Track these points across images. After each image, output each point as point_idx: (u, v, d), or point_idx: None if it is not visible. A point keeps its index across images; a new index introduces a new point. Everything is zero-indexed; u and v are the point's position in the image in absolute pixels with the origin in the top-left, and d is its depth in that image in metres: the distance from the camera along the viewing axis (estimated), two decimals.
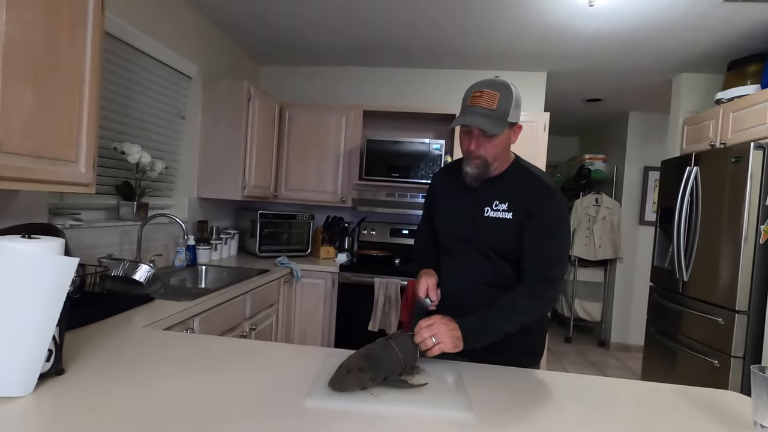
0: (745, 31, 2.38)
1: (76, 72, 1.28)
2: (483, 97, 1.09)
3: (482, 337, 1.07)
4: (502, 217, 1.16)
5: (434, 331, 1.01)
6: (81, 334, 1.15)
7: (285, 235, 3.06)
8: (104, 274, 1.61)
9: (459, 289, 1.24)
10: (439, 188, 1.34)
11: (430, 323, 1.02)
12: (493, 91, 1.09)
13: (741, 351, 2.17)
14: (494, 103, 1.08)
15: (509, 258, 1.17)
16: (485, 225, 1.18)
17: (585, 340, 4.44)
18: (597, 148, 4.77)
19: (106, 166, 1.98)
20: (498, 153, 1.15)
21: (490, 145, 1.12)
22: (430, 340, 1.00)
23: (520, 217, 1.14)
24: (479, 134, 1.12)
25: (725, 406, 0.96)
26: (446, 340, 1.01)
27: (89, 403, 0.79)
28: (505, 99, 1.09)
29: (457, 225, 1.24)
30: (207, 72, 2.68)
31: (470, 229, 1.20)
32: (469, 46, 2.85)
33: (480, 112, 1.09)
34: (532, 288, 1.13)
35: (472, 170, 1.16)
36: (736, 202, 2.22)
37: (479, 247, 1.19)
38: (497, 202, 1.17)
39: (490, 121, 1.09)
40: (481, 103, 1.09)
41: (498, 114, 1.09)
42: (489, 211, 1.18)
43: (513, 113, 1.11)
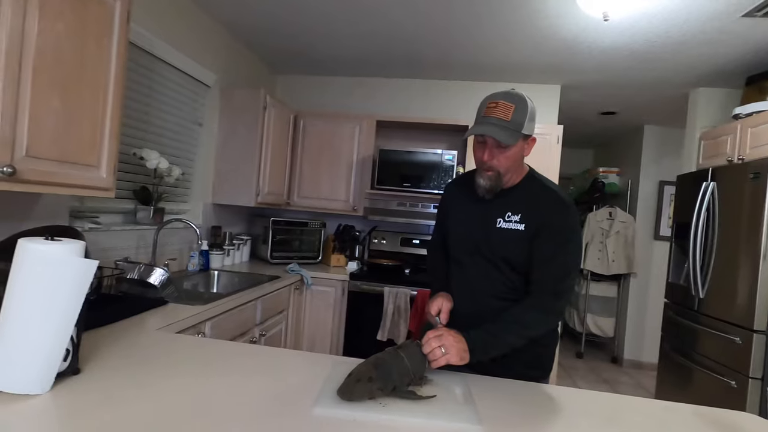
0: (763, 45, 2.35)
1: (101, 80, 1.33)
2: (498, 108, 1.10)
3: (489, 350, 1.07)
4: (514, 228, 1.16)
5: (442, 342, 1.01)
6: (97, 335, 1.18)
7: (296, 242, 3.09)
8: (120, 277, 1.65)
9: (468, 300, 1.23)
10: (451, 199, 1.34)
11: (438, 334, 1.03)
12: (509, 102, 1.10)
13: (759, 372, 2.11)
14: (509, 114, 1.09)
15: (519, 270, 1.17)
16: (497, 236, 1.18)
17: (597, 356, 4.35)
18: (611, 161, 4.73)
19: (126, 171, 2.03)
20: (511, 165, 1.15)
21: (504, 157, 1.13)
22: (438, 351, 1.00)
23: (533, 229, 1.14)
24: (493, 145, 1.12)
25: (740, 428, 0.94)
26: (453, 352, 1.01)
27: (104, 402, 0.81)
28: (520, 111, 1.10)
29: (468, 235, 1.24)
30: (225, 81, 2.74)
31: (482, 240, 1.20)
32: (482, 58, 2.87)
33: (494, 122, 1.10)
34: (540, 301, 1.12)
35: (484, 182, 1.16)
36: (755, 219, 2.17)
37: (490, 258, 1.19)
38: (510, 214, 1.17)
39: (504, 132, 1.09)
40: (495, 114, 1.10)
41: (512, 125, 1.09)
42: (501, 222, 1.18)
43: (527, 126, 1.11)
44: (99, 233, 1.82)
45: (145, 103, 2.13)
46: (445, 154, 2.97)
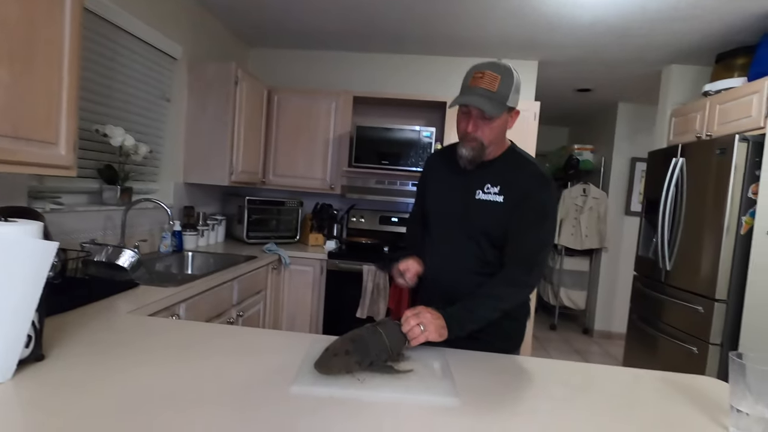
0: (733, 23, 2.39)
1: (55, 50, 1.23)
2: (484, 78, 1.08)
3: (466, 325, 1.08)
4: (492, 200, 1.16)
5: (421, 320, 1.01)
6: (62, 320, 1.13)
7: (273, 222, 3.04)
8: (87, 260, 1.58)
9: (443, 272, 1.24)
10: (432, 171, 1.33)
11: (416, 312, 1.03)
12: (495, 73, 1.08)
13: (719, 338, 2.23)
14: (495, 85, 1.07)
15: (495, 243, 1.18)
16: (476, 207, 1.18)
17: (570, 328, 4.53)
18: (586, 139, 4.80)
19: (88, 149, 1.92)
20: (494, 136, 1.14)
21: (488, 128, 1.12)
22: (417, 328, 1.00)
23: (511, 201, 1.15)
24: (477, 116, 1.11)
25: (703, 392, 0.99)
26: (431, 329, 1.02)
27: (70, 389, 0.78)
28: (506, 82, 1.09)
29: (447, 207, 1.24)
30: (193, 53, 2.61)
31: (461, 212, 1.20)
32: (462, 32, 2.82)
33: (480, 93, 1.08)
34: (514, 274, 1.13)
35: (467, 152, 1.15)
36: (720, 194, 2.26)
37: (468, 230, 1.20)
38: (489, 185, 1.17)
39: (489, 103, 1.08)
40: (481, 84, 1.08)
41: (498, 96, 1.08)
42: (480, 193, 1.18)
43: (512, 98, 1.11)
44: (62, 214, 1.74)
45: (106, 76, 2.00)
46: (423, 131, 2.94)
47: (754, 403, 0.76)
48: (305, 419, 0.74)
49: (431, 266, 1.27)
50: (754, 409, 0.76)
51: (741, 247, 2.20)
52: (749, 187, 2.18)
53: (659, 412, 0.88)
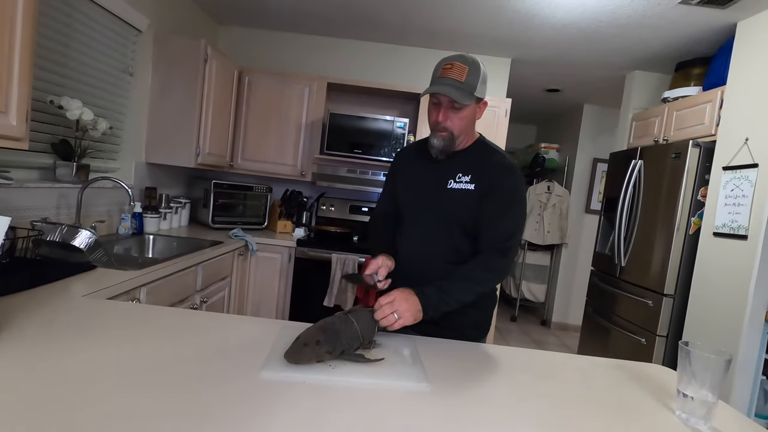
0: (693, 34, 2.53)
1: (6, 12, 1.14)
2: (453, 70, 1.13)
3: (440, 307, 1.09)
4: (464, 188, 1.20)
5: (395, 308, 1.02)
6: (11, 302, 1.06)
7: (240, 207, 2.96)
8: (38, 239, 1.48)
9: (414, 259, 1.25)
10: (402, 164, 1.35)
11: (390, 300, 1.03)
12: (463, 64, 1.13)
13: (665, 330, 2.39)
14: (463, 75, 1.12)
15: (467, 231, 1.21)
16: (448, 196, 1.21)
17: (529, 320, 4.71)
18: (552, 138, 4.96)
19: (42, 121, 1.79)
20: (464, 126, 1.19)
21: (457, 118, 1.16)
22: (392, 316, 1.01)
23: (482, 189, 1.18)
24: (447, 106, 1.15)
25: (653, 378, 1.06)
26: (407, 315, 1.03)
27: (20, 370, 0.73)
28: (474, 73, 1.13)
29: (420, 196, 1.26)
30: (159, 27, 2.48)
31: (434, 201, 1.23)
32: (438, 24, 2.83)
33: (449, 83, 1.12)
34: (488, 258, 1.16)
35: (438, 142, 1.19)
36: (673, 195, 2.40)
37: (440, 219, 1.22)
38: (460, 175, 1.21)
39: (458, 92, 1.12)
40: (450, 75, 1.13)
41: (466, 86, 1.13)
42: (452, 183, 1.21)
43: (480, 88, 1.15)
44: (10, 190, 1.62)
45: (63, 44, 1.87)
46: (396, 122, 2.94)
47: (699, 388, 0.83)
48: (276, 404, 0.73)
49: (403, 254, 1.28)
50: (698, 393, 0.82)
51: (689, 246, 2.35)
52: (699, 190, 2.33)
53: (614, 396, 0.93)
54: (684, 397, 0.84)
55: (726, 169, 2.19)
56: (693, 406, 0.83)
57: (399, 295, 1.04)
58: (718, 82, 2.39)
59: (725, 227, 2.15)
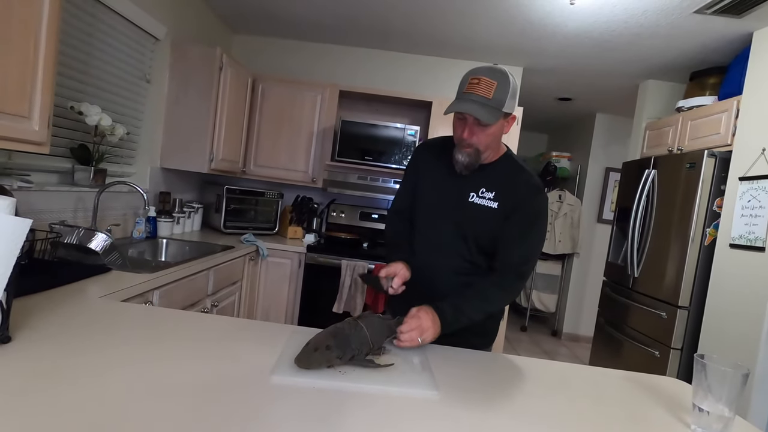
0: (708, 44, 2.50)
1: (32, 20, 1.18)
2: (480, 85, 1.07)
3: (455, 324, 1.10)
4: (487, 205, 1.17)
5: (423, 334, 1.04)
6: (29, 303, 1.08)
7: (252, 213, 2.99)
8: (56, 241, 1.52)
9: (426, 269, 1.24)
10: (423, 164, 1.29)
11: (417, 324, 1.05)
12: (491, 79, 1.08)
13: (680, 343, 2.34)
14: (491, 91, 1.07)
15: (483, 247, 1.19)
16: (469, 210, 1.18)
17: (539, 330, 4.65)
18: (564, 146, 4.93)
19: (62, 126, 1.84)
20: (490, 142, 1.14)
21: (483, 134, 1.12)
22: (417, 340, 1.04)
23: (505, 208, 1.15)
24: (473, 122, 1.11)
25: (667, 391, 1.04)
26: (429, 338, 1.06)
27: (37, 372, 0.75)
28: (502, 88, 1.08)
29: (440, 205, 1.23)
30: (176, 35, 2.53)
31: (452, 213, 1.20)
32: (449, 33, 2.85)
33: (476, 99, 1.08)
34: (505, 280, 1.15)
35: (463, 158, 1.15)
36: (687, 206, 2.36)
37: (458, 232, 1.20)
38: (484, 190, 1.18)
39: (484, 110, 1.07)
40: (477, 91, 1.08)
41: (494, 103, 1.08)
42: (475, 197, 1.18)
43: (509, 103, 1.10)
44: (30, 193, 1.66)
45: (85, 52, 1.92)
46: (407, 129, 2.96)
47: (715, 402, 0.81)
48: (285, 408, 0.73)
49: (418, 261, 1.25)
50: (714, 408, 0.81)
51: (704, 257, 2.31)
52: (715, 201, 2.30)
53: (626, 409, 0.92)
54: (699, 411, 0.83)
55: (742, 180, 2.15)
56: (709, 421, 0.81)
57: (427, 319, 1.06)
58: (734, 92, 2.36)
59: (742, 239, 2.11)
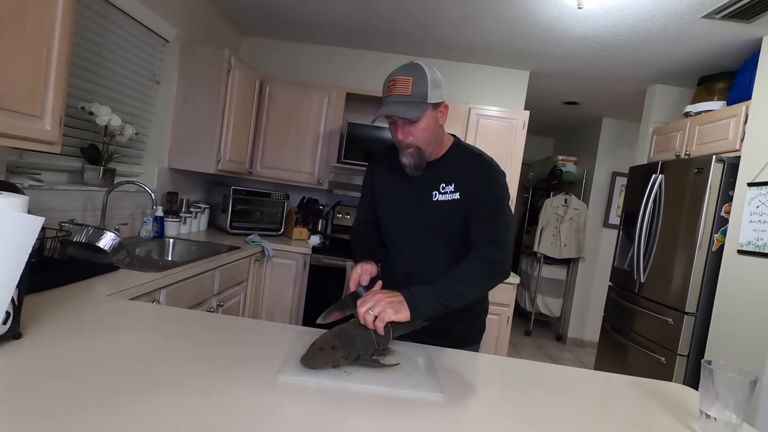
0: (716, 49, 2.49)
1: (46, 21, 1.20)
2: (397, 85, 1.09)
3: (435, 299, 0.99)
4: (450, 199, 1.17)
5: (369, 305, 0.94)
6: (39, 300, 1.09)
7: (258, 213, 3.00)
8: (65, 239, 1.53)
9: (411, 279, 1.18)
10: (378, 178, 1.29)
11: (363, 300, 0.96)
12: (405, 76, 1.09)
13: (686, 349, 2.32)
14: (408, 88, 1.08)
15: (458, 239, 1.17)
16: (434, 209, 1.18)
17: (544, 334, 4.62)
18: (570, 150, 4.91)
19: (73, 126, 1.87)
20: (428, 137, 1.14)
21: (417, 131, 1.12)
22: (368, 315, 0.93)
23: (468, 196, 1.15)
24: (403, 122, 1.11)
25: (673, 397, 1.03)
26: (386, 309, 0.93)
27: (47, 367, 0.76)
28: (419, 82, 1.08)
29: (406, 214, 1.22)
30: (186, 37, 2.56)
31: (421, 216, 1.19)
32: (456, 37, 2.85)
33: (396, 100, 1.09)
34: (483, 253, 1.08)
35: (408, 160, 1.16)
36: (695, 211, 2.35)
37: (432, 234, 1.19)
38: (443, 185, 1.17)
39: (407, 108, 1.08)
40: (396, 91, 1.09)
41: (414, 98, 1.08)
42: (437, 195, 1.18)
43: (432, 94, 1.09)
44: (41, 191, 1.68)
45: (96, 53, 1.95)
46: None
47: (722, 409, 0.80)
48: (291, 408, 0.74)
49: (394, 272, 1.23)
50: (722, 414, 0.80)
51: (712, 263, 2.29)
52: (722, 206, 2.28)
53: (631, 414, 0.91)
54: (707, 417, 0.82)
55: (751, 186, 2.13)
56: (716, 428, 0.81)
57: (372, 293, 0.97)
58: (743, 97, 2.35)
59: (750, 245, 2.09)
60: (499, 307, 2.71)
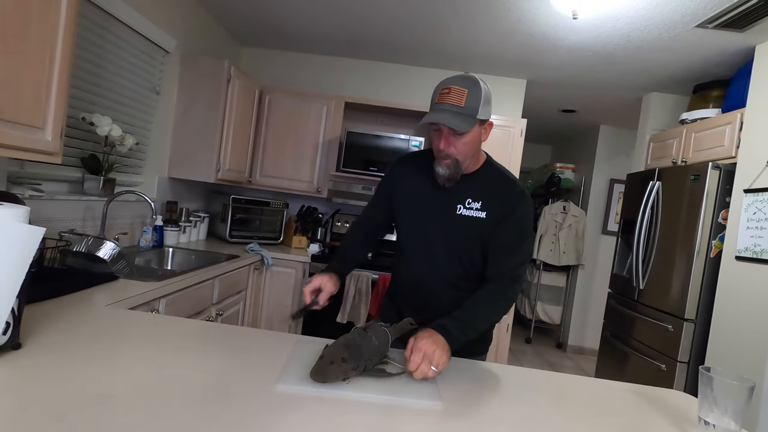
0: (711, 57, 2.52)
1: (48, 34, 1.21)
2: (451, 94, 1.08)
3: (462, 339, 1.05)
4: (475, 216, 1.16)
5: (434, 362, 0.94)
6: (39, 310, 1.10)
7: (257, 222, 3.01)
8: (65, 249, 1.54)
9: (420, 286, 1.22)
10: (403, 179, 1.27)
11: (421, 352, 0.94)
12: (461, 87, 1.08)
13: (686, 356, 2.32)
14: (462, 99, 1.07)
15: (476, 256, 1.18)
16: (459, 223, 1.17)
17: (544, 342, 4.61)
18: (568, 158, 4.94)
19: (73, 136, 1.88)
20: (468, 151, 1.14)
21: (460, 144, 1.11)
22: (431, 371, 0.93)
23: (494, 217, 1.15)
24: (449, 132, 1.10)
25: (672, 404, 1.03)
26: (443, 361, 0.95)
27: (47, 378, 0.76)
28: (474, 96, 1.08)
29: (426, 222, 1.21)
30: (186, 48, 2.59)
31: (441, 227, 1.19)
32: (453, 46, 2.89)
33: (448, 109, 1.08)
34: (503, 287, 1.14)
35: (444, 171, 1.14)
36: (692, 218, 2.36)
37: (450, 245, 1.19)
38: (470, 200, 1.17)
39: (457, 118, 1.07)
40: (448, 100, 1.08)
41: (466, 111, 1.08)
42: (462, 209, 1.17)
43: (482, 110, 1.10)
44: (41, 202, 1.69)
45: (97, 64, 1.97)
46: (412, 140, 2.98)
47: (721, 415, 0.81)
48: (291, 417, 0.74)
49: (407, 279, 1.24)
50: (720, 421, 0.80)
51: (710, 269, 2.30)
52: (720, 213, 2.29)
53: (631, 422, 0.91)
54: (705, 424, 0.82)
55: (747, 192, 2.15)
56: None
57: (428, 344, 0.95)
58: (738, 105, 2.37)
59: (748, 251, 2.10)
60: None
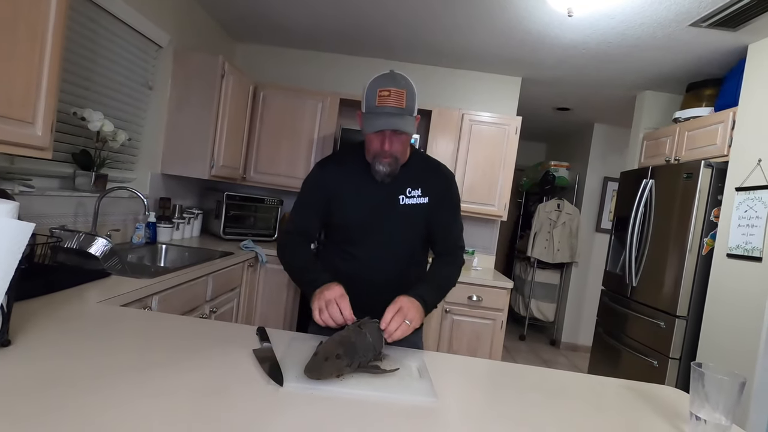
0: (704, 55, 2.54)
1: (38, 28, 1.20)
2: (392, 97, 1.08)
3: (433, 305, 1.14)
4: (419, 202, 1.24)
5: (405, 315, 1.03)
6: (29, 307, 1.08)
7: (251, 219, 3.00)
8: (56, 246, 1.52)
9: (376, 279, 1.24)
10: (334, 179, 1.25)
11: (396, 308, 1.03)
12: (399, 88, 1.09)
13: (678, 353, 2.34)
14: (403, 101, 1.09)
15: (423, 239, 1.30)
16: (403, 213, 1.23)
17: (538, 339, 4.64)
18: (562, 156, 4.96)
19: (64, 132, 1.86)
20: (406, 147, 1.21)
21: (400, 142, 1.15)
22: (405, 325, 1.01)
23: (434, 201, 1.25)
24: (392, 134, 1.12)
25: (665, 400, 1.04)
26: (417, 318, 1.05)
27: (37, 375, 0.75)
28: (411, 95, 1.11)
29: (372, 218, 1.23)
30: (179, 43, 2.56)
31: (388, 220, 1.24)
32: (448, 44, 2.88)
33: (392, 112, 1.09)
34: (454, 257, 1.30)
35: (384, 168, 1.17)
36: (685, 215, 2.38)
37: (400, 236, 1.26)
38: (410, 189, 1.24)
39: (404, 121, 1.10)
40: (390, 103, 1.08)
41: (407, 111, 1.10)
42: (404, 198, 1.23)
43: (415, 107, 1.14)
44: (31, 197, 1.67)
45: (88, 58, 1.94)
46: None
47: (712, 411, 0.81)
48: (284, 415, 0.73)
49: (358, 272, 1.24)
50: (711, 416, 0.81)
51: (702, 267, 2.32)
52: (712, 211, 2.31)
53: (624, 417, 0.92)
54: (697, 420, 0.83)
55: (739, 190, 2.17)
56: (706, 430, 0.82)
57: (404, 302, 1.05)
58: (730, 103, 2.39)
59: (739, 249, 2.12)
60: (493, 312, 2.72)
